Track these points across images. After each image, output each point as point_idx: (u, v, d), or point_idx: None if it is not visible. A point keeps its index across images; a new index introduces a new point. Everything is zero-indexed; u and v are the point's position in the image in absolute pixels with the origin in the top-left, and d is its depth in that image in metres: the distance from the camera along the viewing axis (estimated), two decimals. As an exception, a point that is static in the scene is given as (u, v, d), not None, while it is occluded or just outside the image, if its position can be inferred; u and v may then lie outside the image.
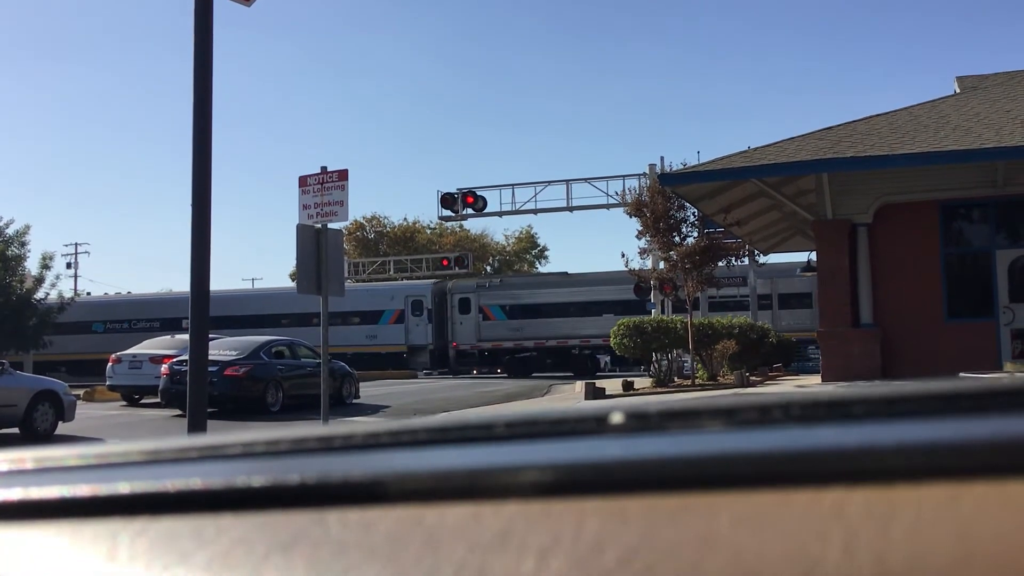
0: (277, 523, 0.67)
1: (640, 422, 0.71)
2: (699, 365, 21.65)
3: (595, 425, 0.72)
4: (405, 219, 64.58)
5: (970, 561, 0.47)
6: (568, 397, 20.22)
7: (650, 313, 26.32)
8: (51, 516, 0.76)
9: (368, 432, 0.79)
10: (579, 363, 35.72)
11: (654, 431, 0.69)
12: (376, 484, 0.67)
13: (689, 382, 20.41)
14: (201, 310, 8.24)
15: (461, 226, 57.74)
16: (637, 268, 23.43)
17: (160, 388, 18.71)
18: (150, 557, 0.68)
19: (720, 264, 22.14)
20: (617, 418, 0.71)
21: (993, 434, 0.54)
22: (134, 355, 21.82)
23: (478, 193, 31.48)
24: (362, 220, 61.96)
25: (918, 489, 0.53)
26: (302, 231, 11.20)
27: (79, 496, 0.76)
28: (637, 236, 22.24)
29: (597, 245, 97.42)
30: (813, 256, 20.52)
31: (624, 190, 27.45)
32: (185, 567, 0.65)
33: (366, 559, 0.60)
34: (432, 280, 40.28)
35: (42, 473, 0.87)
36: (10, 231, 35.41)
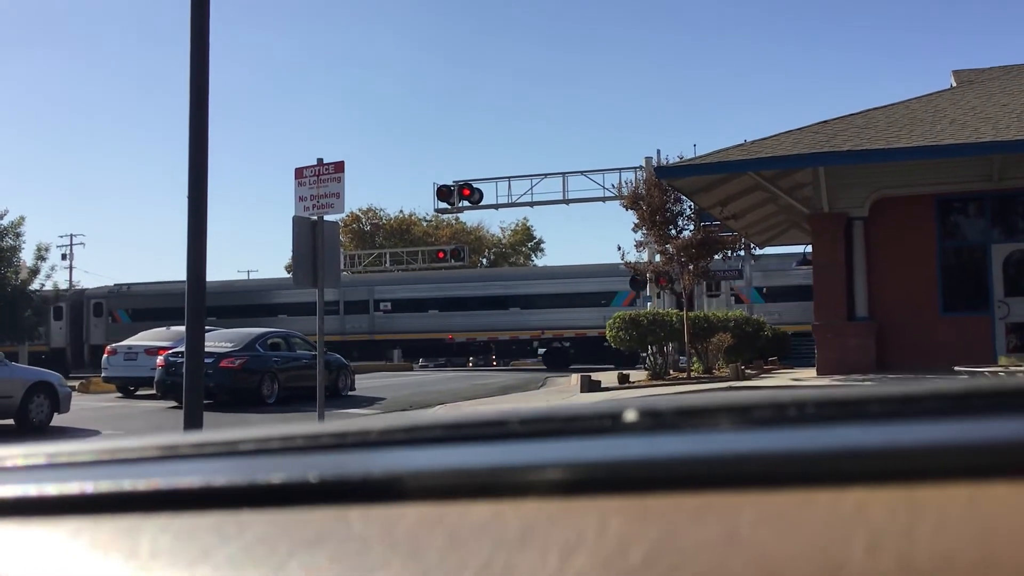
0: (299, 520, 0.67)
1: (654, 420, 0.71)
2: (694, 358, 21.68)
3: (610, 423, 0.72)
4: (401, 211, 64.63)
5: (995, 561, 0.48)
6: (564, 390, 20.22)
7: (646, 306, 26.34)
8: (69, 512, 0.76)
9: (383, 428, 0.79)
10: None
11: (669, 429, 0.69)
12: (395, 481, 0.68)
13: (684, 375, 20.42)
14: (197, 301, 8.23)
15: (457, 219, 57.64)
16: (633, 261, 23.43)
17: (156, 379, 18.68)
18: (173, 553, 0.68)
19: (716, 257, 22.15)
20: (631, 416, 0.72)
21: (1014, 434, 0.55)
22: (129, 347, 21.75)
23: (474, 185, 31.38)
24: (358, 212, 61.91)
25: (941, 489, 0.53)
26: (298, 223, 11.18)
27: (98, 492, 0.76)
28: (633, 229, 22.21)
29: (593, 238, 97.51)
30: (809, 249, 20.53)
31: (620, 183, 27.41)
32: (209, 564, 0.65)
33: (389, 556, 0.61)
34: None
35: (56, 469, 0.87)
36: (5, 222, 35.35)
